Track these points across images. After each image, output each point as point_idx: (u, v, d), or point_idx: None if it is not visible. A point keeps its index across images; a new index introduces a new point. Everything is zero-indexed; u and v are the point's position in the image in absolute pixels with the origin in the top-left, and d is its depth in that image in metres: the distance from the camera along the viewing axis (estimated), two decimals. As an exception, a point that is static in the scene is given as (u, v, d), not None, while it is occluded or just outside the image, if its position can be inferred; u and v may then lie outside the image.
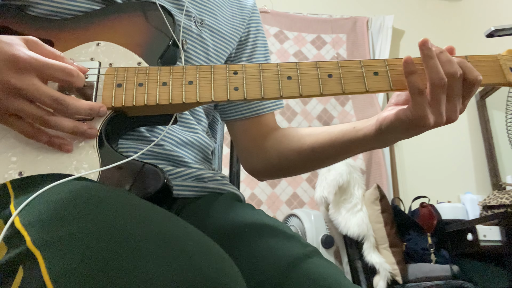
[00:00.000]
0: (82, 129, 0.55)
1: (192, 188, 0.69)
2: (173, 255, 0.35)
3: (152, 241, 0.36)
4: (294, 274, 0.49)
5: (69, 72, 0.53)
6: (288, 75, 0.59)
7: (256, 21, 0.90)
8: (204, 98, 0.58)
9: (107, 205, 0.41)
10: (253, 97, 0.58)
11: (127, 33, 0.66)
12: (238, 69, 0.60)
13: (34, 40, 0.55)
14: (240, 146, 0.86)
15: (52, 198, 0.43)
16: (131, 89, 0.58)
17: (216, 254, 0.39)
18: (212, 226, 0.59)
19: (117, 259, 0.34)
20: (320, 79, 0.59)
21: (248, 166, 0.86)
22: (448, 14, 3.23)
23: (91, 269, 0.33)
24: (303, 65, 0.60)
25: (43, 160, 0.54)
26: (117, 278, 0.33)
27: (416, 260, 2.07)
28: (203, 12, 0.79)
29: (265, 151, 0.81)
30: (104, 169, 0.54)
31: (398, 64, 0.60)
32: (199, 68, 0.60)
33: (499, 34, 0.72)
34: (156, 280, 0.33)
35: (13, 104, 0.51)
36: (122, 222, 0.38)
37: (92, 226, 0.37)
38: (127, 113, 0.60)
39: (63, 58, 0.56)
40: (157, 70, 0.59)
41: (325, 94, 0.58)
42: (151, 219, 0.40)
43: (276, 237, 0.56)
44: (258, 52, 0.88)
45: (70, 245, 0.36)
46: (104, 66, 0.62)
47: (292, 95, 0.58)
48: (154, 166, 0.56)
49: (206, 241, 0.41)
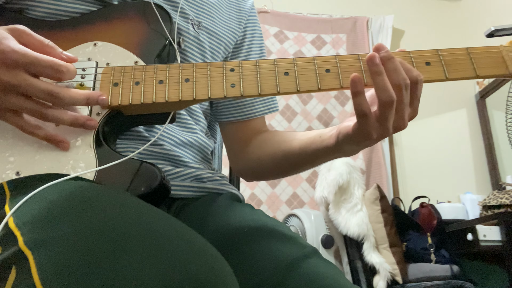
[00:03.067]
0: (81, 121, 0.54)
1: (191, 188, 0.69)
2: (161, 254, 0.35)
3: (142, 240, 0.36)
4: (293, 274, 0.49)
5: (57, 69, 0.52)
6: (285, 70, 0.58)
7: (253, 23, 0.89)
8: (201, 96, 0.57)
9: (99, 205, 0.41)
10: (250, 93, 0.57)
11: (124, 33, 0.66)
12: (234, 65, 0.59)
13: (21, 29, 0.53)
14: (228, 147, 0.87)
15: (46, 198, 0.43)
16: (127, 87, 0.58)
17: (206, 253, 0.39)
18: (211, 226, 0.59)
19: (105, 259, 0.34)
20: (318, 74, 0.58)
21: (234, 166, 0.87)
22: (448, 14, 3.23)
23: (79, 270, 0.33)
24: (300, 60, 0.59)
25: (40, 160, 0.54)
26: (104, 278, 0.33)
27: (416, 260, 2.07)
28: (200, 14, 0.79)
29: (246, 154, 0.82)
30: (100, 168, 0.54)
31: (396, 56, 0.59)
32: (196, 66, 0.59)
33: (499, 34, 0.72)
34: (143, 279, 0.33)
35: (9, 99, 0.51)
36: (112, 222, 0.38)
37: (82, 226, 0.37)
38: (124, 112, 0.60)
39: (51, 48, 0.55)
40: (154, 69, 0.59)
41: (323, 89, 0.57)
42: (142, 219, 0.40)
43: (275, 238, 0.56)
44: (253, 52, 0.88)
45: (60, 246, 0.36)
46: (101, 65, 0.62)
47: (289, 90, 0.58)
48: (152, 165, 0.56)
49: (197, 240, 0.40)
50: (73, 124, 0.54)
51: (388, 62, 0.55)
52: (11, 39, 0.51)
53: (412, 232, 2.14)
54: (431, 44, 3.44)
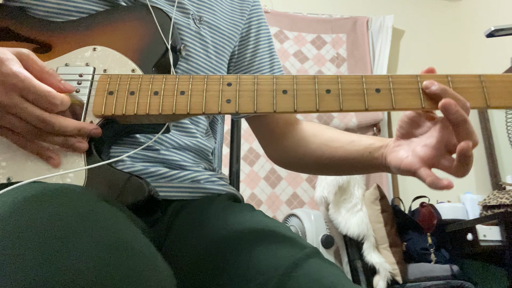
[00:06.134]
0: (70, 143, 0.55)
1: (187, 189, 0.68)
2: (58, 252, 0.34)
3: (42, 237, 0.36)
4: (295, 275, 0.49)
5: (50, 101, 0.52)
6: (284, 88, 0.56)
7: (258, 14, 0.87)
8: (195, 110, 0.56)
9: (43, 200, 0.40)
10: (245, 110, 0.56)
11: (125, 37, 0.65)
12: (232, 80, 0.57)
13: (26, 54, 0.54)
14: (261, 140, 0.87)
15: (8, 200, 0.42)
16: (122, 97, 0.57)
17: (132, 250, 0.38)
18: (210, 229, 0.59)
19: (24, 257, 0.34)
20: (318, 95, 0.55)
21: (268, 155, 0.87)
22: (448, 14, 3.23)
23: (9, 268, 0.33)
24: (300, 78, 0.56)
25: (32, 166, 0.55)
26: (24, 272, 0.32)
27: (416, 260, 2.06)
28: (201, 8, 0.77)
29: (285, 150, 0.81)
30: (89, 168, 0.54)
31: (402, 81, 0.56)
32: (193, 78, 0.58)
33: (499, 34, 0.72)
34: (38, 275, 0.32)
35: (3, 118, 0.52)
36: (39, 221, 0.37)
37: (16, 225, 0.37)
38: (119, 121, 0.59)
39: (51, 75, 0.55)
40: (150, 79, 0.58)
41: (321, 110, 0.55)
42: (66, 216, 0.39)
43: (276, 239, 0.55)
44: (261, 46, 0.85)
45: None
46: (98, 71, 0.61)
47: (286, 110, 0.55)
48: (139, 178, 0.55)
49: (129, 238, 0.39)
50: (63, 146, 0.55)
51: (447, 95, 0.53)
52: (15, 61, 0.52)
53: (412, 232, 2.14)
54: (431, 44, 3.43)
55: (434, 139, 0.56)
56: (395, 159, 0.60)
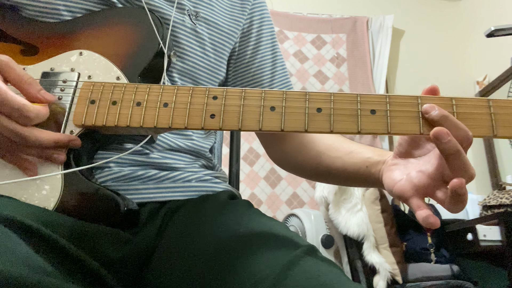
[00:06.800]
0: (48, 155, 0.54)
1: (180, 189, 0.67)
2: None
3: None
4: (292, 273, 0.48)
5: (24, 114, 0.50)
6: (272, 105, 0.52)
7: (261, 9, 0.83)
8: (177, 125, 0.53)
9: None
10: (229, 127, 0.53)
11: (113, 42, 0.63)
12: (218, 93, 0.54)
13: (5, 62, 0.52)
14: (261, 139, 0.86)
15: None
16: (104, 107, 0.55)
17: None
18: (206, 228, 0.58)
19: None
20: (308, 114, 0.51)
21: (269, 155, 0.86)
22: (448, 14, 3.23)
23: None
24: (291, 94, 0.53)
25: (10, 176, 0.54)
26: None
27: (416, 260, 2.06)
28: (198, 4, 0.74)
29: (285, 154, 0.81)
30: (66, 172, 0.54)
31: (401, 102, 0.52)
32: (178, 89, 0.54)
33: (499, 34, 0.72)
34: None
35: None
36: None
37: None
38: (100, 131, 0.57)
39: (29, 85, 0.53)
40: (134, 88, 0.55)
41: (310, 131, 0.51)
42: None
43: (272, 237, 0.55)
44: (263, 42, 0.82)
45: None
46: (83, 78, 0.59)
47: (272, 129, 0.52)
48: (117, 194, 0.55)
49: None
50: (40, 157, 0.54)
51: (447, 121, 0.48)
52: None
53: (412, 232, 2.14)
54: (431, 44, 3.43)
55: (431, 167, 0.52)
56: (389, 180, 0.57)
